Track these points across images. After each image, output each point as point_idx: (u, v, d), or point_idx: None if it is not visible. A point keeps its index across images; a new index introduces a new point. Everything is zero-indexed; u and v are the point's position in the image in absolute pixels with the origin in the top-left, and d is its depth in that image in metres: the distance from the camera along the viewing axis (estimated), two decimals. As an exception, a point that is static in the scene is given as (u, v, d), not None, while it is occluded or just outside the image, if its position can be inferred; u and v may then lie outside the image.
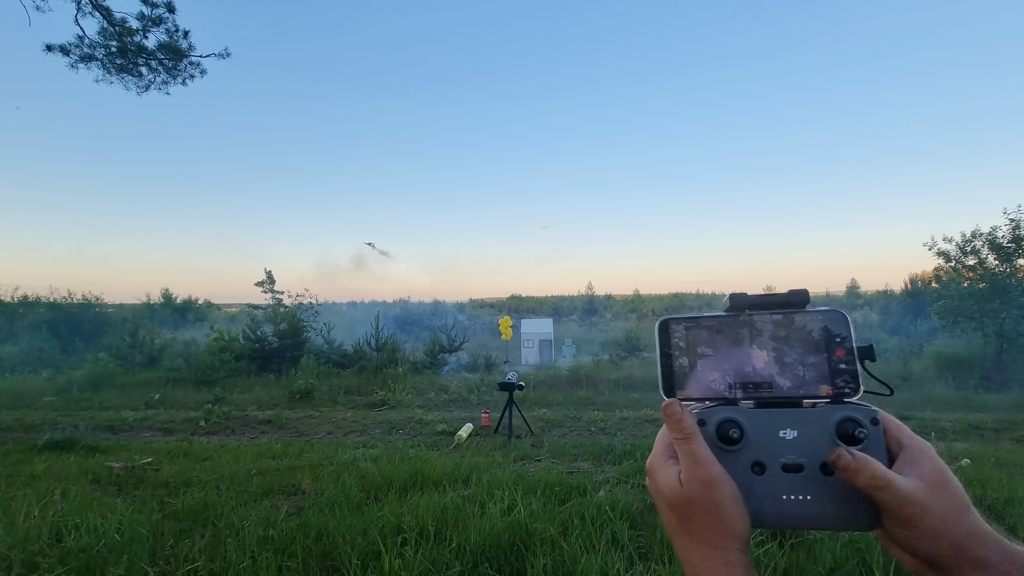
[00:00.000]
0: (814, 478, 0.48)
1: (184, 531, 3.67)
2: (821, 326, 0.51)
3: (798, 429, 0.49)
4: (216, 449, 6.67)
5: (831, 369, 0.50)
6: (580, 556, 3.02)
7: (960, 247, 14.12)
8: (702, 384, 0.52)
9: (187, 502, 4.21)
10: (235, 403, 10.25)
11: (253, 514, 3.90)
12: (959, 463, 5.55)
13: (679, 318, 0.54)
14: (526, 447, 6.77)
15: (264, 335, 14.33)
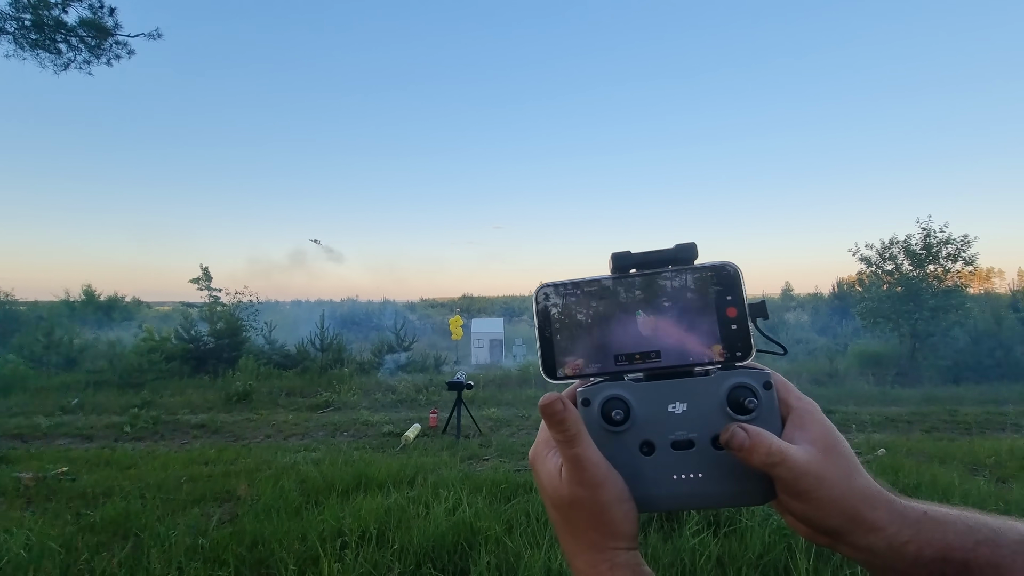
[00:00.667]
0: (705, 454, 0.45)
1: (102, 544, 3.41)
2: (710, 283, 0.47)
3: (687, 401, 0.45)
4: (142, 456, 6.24)
5: (722, 330, 0.46)
6: (524, 553, 3.04)
7: (879, 253, 15.30)
8: (586, 358, 0.47)
9: (106, 513, 3.92)
10: (165, 407, 9.64)
11: (181, 523, 3.68)
12: (876, 453, 5.99)
13: (557, 284, 0.50)
14: (474, 447, 6.75)
15: (199, 335, 13.55)
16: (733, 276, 0.47)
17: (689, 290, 0.47)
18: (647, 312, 0.47)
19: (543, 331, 0.49)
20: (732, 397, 0.44)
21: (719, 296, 0.47)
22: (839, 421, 8.61)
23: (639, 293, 0.48)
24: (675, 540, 3.35)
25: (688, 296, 0.47)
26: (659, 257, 0.48)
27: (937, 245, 14.32)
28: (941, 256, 14.33)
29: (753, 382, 0.44)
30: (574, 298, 0.49)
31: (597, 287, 0.49)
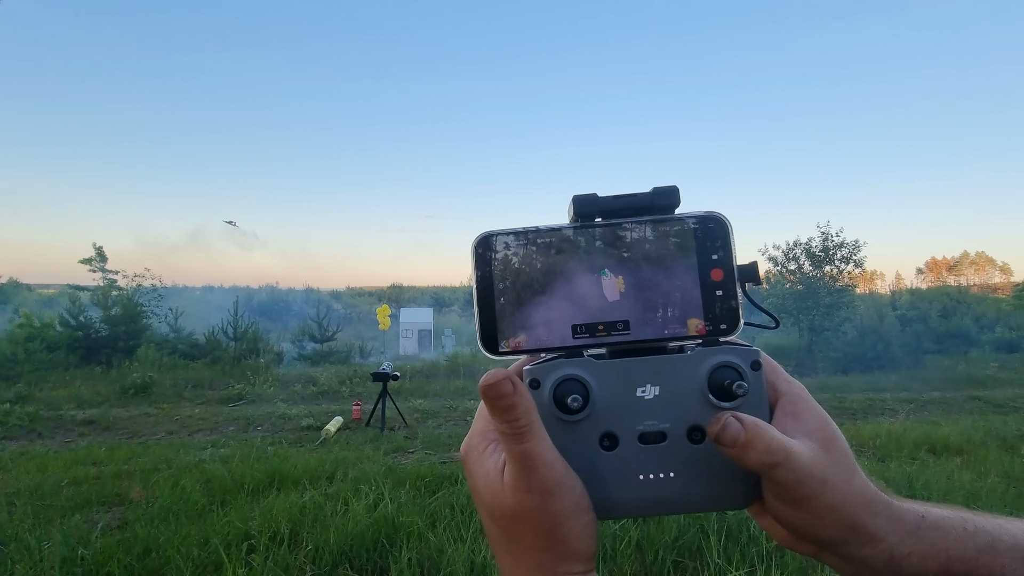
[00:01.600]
0: (680, 449, 0.37)
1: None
2: (692, 239, 0.38)
3: (660, 384, 0.37)
4: (14, 458, 5.51)
5: (704, 297, 0.38)
6: (447, 546, 2.96)
7: (785, 253, 16.63)
8: (536, 328, 0.38)
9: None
10: (45, 401, 8.58)
11: (57, 532, 3.25)
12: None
13: (504, 232, 0.40)
14: (399, 439, 6.56)
15: (89, 321, 12.16)
16: (722, 230, 0.39)
17: (667, 246, 0.38)
18: (614, 272, 0.38)
19: (483, 292, 0.40)
20: (715, 379, 0.36)
21: (703, 255, 0.38)
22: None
23: (606, 248, 0.39)
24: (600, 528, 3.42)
25: (665, 253, 0.38)
26: (632, 203, 0.39)
27: (833, 248, 15.81)
28: (836, 258, 15.84)
29: (739, 361, 0.37)
30: (524, 252, 0.39)
31: (554, 238, 0.39)
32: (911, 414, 8.53)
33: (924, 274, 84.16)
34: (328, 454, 5.41)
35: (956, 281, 72.33)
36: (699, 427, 0.37)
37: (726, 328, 0.38)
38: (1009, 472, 4.74)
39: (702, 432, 0.36)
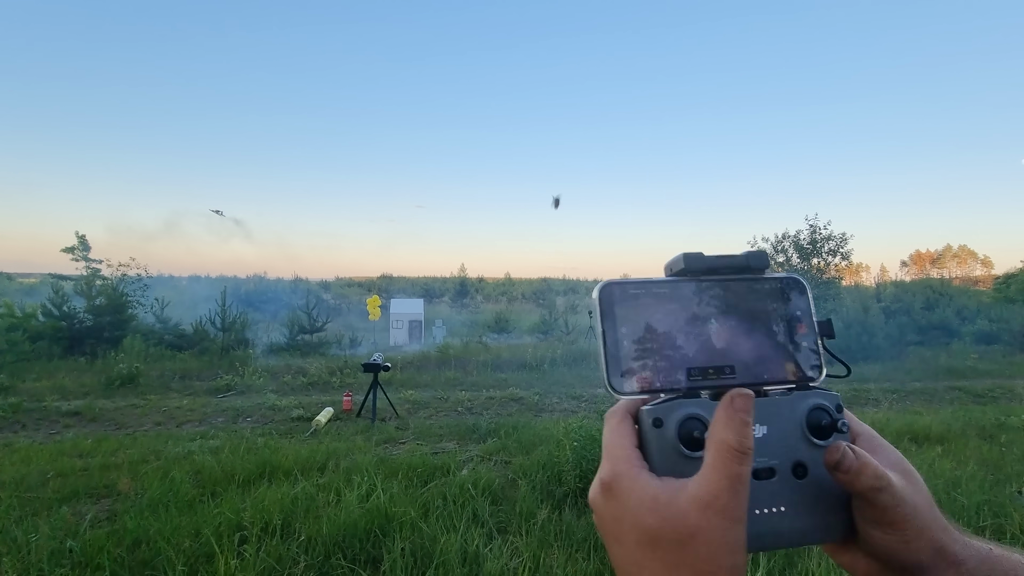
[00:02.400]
0: (787, 483, 0.40)
1: (-63, 554, 2.89)
2: (781, 297, 0.44)
3: (767, 424, 0.40)
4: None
5: (794, 348, 0.43)
6: (440, 536, 2.98)
7: (773, 246, 16.78)
8: (656, 370, 0.42)
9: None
10: (28, 393, 8.44)
11: (45, 525, 3.22)
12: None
13: (624, 283, 0.45)
14: (390, 430, 6.56)
15: (73, 311, 11.95)
16: (803, 290, 0.45)
17: (763, 302, 0.44)
18: (720, 323, 0.43)
19: (608, 336, 0.43)
20: (811, 419, 0.41)
21: (790, 311, 0.44)
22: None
23: (713, 300, 0.44)
24: (589, 516, 3.46)
25: (761, 308, 0.44)
26: (731, 263, 0.45)
27: (821, 241, 15.98)
28: (824, 251, 16.02)
29: (829, 403, 0.41)
30: (645, 301, 0.44)
31: (671, 290, 0.44)
32: (894, 404, 8.70)
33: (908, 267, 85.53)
34: (319, 445, 5.40)
35: (939, 274, 73.65)
36: (801, 463, 0.40)
37: (812, 375, 0.43)
38: (988, 460, 4.86)
39: (804, 468, 0.40)
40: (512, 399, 8.87)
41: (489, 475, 4.21)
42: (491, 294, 40.98)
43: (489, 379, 10.83)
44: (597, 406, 8.29)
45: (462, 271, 36.78)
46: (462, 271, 36.78)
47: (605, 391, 0.42)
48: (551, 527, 3.25)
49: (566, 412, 8.06)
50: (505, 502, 3.77)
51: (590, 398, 9.22)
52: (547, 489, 3.97)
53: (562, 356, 13.39)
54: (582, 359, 13.48)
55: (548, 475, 4.14)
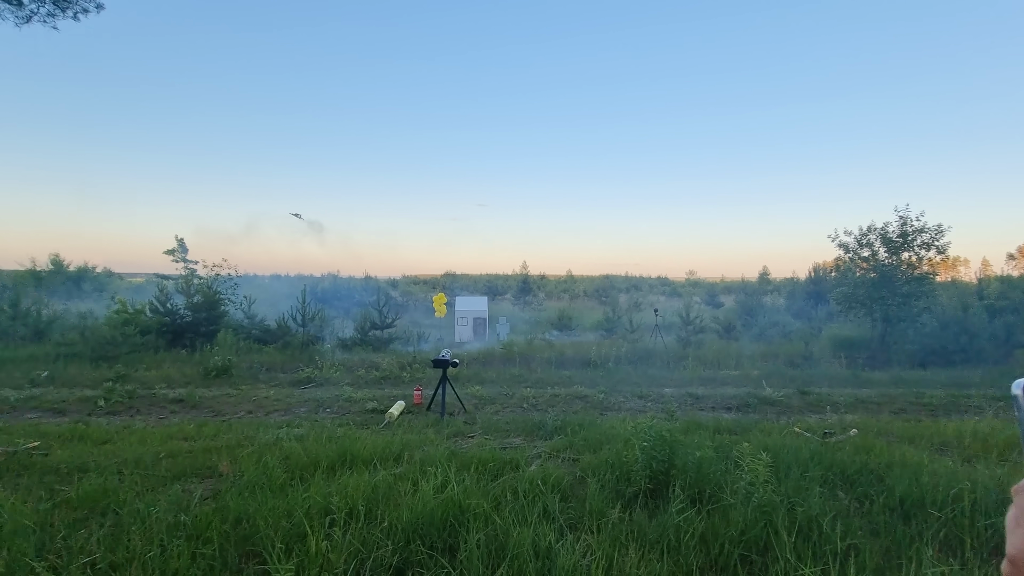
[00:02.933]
0: None
1: (79, 521, 3.33)
2: None
3: None
4: (118, 431, 6.10)
5: None
6: (512, 530, 3.05)
7: (857, 240, 15.57)
8: None
9: (83, 489, 3.82)
10: (141, 381, 9.42)
11: (162, 500, 3.61)
12: (849, 432, 6.17)
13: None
14: (459, 424, 6.76)
15: (175, 308, 13.21)
16: None
17: None
18: None
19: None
20: None
21: None
22: (813, 402, 8.87)
23: None
24: (660, 516, 3.41)
25: None
26: None
27: (912, 233, 14.64)
28: (916, 244, 14.67)
29: None
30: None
31: None
32: (1000, 412, 7.86)
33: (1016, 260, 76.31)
34: (393, 436, 5.66)
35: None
36: None
37: None
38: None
39: None
40: (577, 397, 8.86)
41: (557, 472, 4.25)
42: (553, 291, 40.92)
43: (553, 376, 10.85)
44: (665, 405, 8.11)
45: (524, 268, 36.95)
46: (524, 268, 36.95)
47: None
48: (623, 527, 3.24)
49: (632, 411, 7.94)
50: (574, 499, 3.80)
51: (656, 397, 9.02)
52: (616, 488, 3.95)
53: (626, 354, 13.18)
54: (647, 358, 13.20)
55: (617, 474, 4.12)
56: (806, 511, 3.46)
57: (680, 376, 11.29)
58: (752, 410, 8.31)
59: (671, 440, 4.23)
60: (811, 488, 3.91)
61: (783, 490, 3.81)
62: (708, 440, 5.22)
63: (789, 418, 7.52)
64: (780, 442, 5.26)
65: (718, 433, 6.11)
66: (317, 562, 2.74)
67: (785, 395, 9.13)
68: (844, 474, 4.41)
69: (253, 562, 2.90)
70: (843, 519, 3.46)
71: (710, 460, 4.23)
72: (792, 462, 4.47)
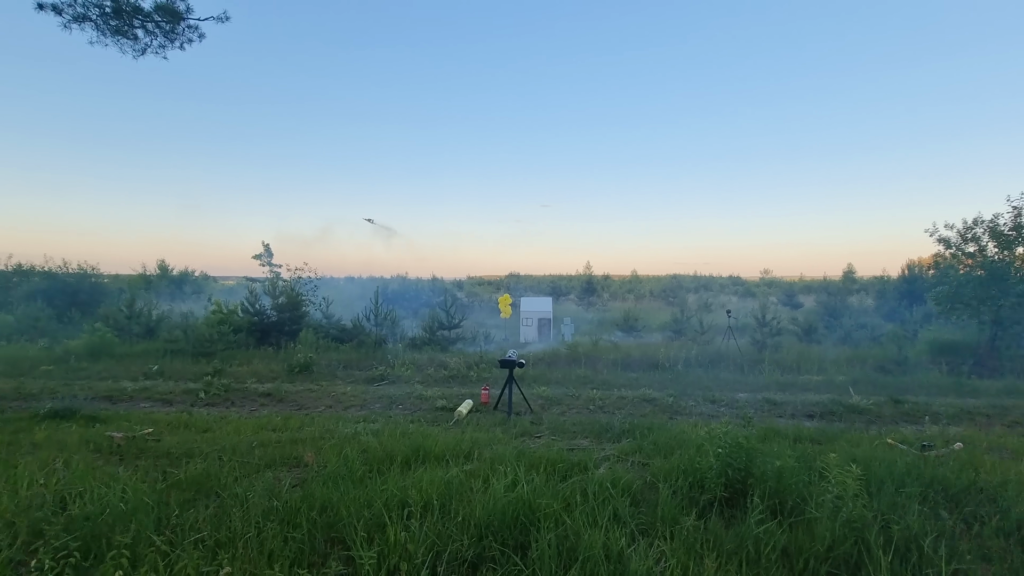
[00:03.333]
0: None
1: (188, 501, 3.69)
2: None
3: None
4: (216, 421, 6.69)
5: None
6: (583, 531, 3.05)
7: (961, 234, 14.09)
8: None
9: (190, 472, 4.24)
10: (234, 375, 10.27)
11: (257, 485, 3.92)
12: (952, 446, 5.62)
13: None
14: (526, 424, 6.82)
15: (262, 308, 14.29)
16: None
17: None
18: None
19: None
20: None
21: None
22: (908, 411, 8.14)
23: None
24: (738, 526, 3.28)
25: None
26: None
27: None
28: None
29: None
30: None
31: None
32: None
33: None
34: (463, 434, 5.81)
35: None
36: None
37: None
38: None
39: None
40: (644, 399, 8.67)
41: (627, 476, 4.19)
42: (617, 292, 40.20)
43: (619, 378, 10.68)
44: (739, 411, 7.76)
45: (588, 268, 36.60)
46: (588, 268, 36.60)
47: None
48: (698, 535, 3.14)
49: (704, 416, 7.66)
50: (645, 504, 3.73)
51: (730, 403, 8.64)
52: (689, 495, 3.84)
53: (696, 356, 12.72)
54: (719, 360, 12.67)
55: (690, 481, 4.00)
56: (903, 530, 3.20)
57: (755, 380, 10.74)
58: (837, 418, 7.76)
59: (748, 447, 4.05)
60: (908, 505, 3.61)
61: (875, 506, 3.55)
62: (788, 449, 4.94)
63: (880, 428, 6.95)
64: (870, 454, 4.89)
65: (798, 442, 5.77)
66: (397, 552, 2.88)
67: (875, 403, 8.45)
68: (947, 492, 4.03)
69: (338, 548, 3.10)
70: (947, 541, 3.17)
71: (791, 470, 4.01)
72: (885, 476, 4.14)
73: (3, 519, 3.13)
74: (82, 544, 2.85)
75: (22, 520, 3.14)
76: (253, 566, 2.78)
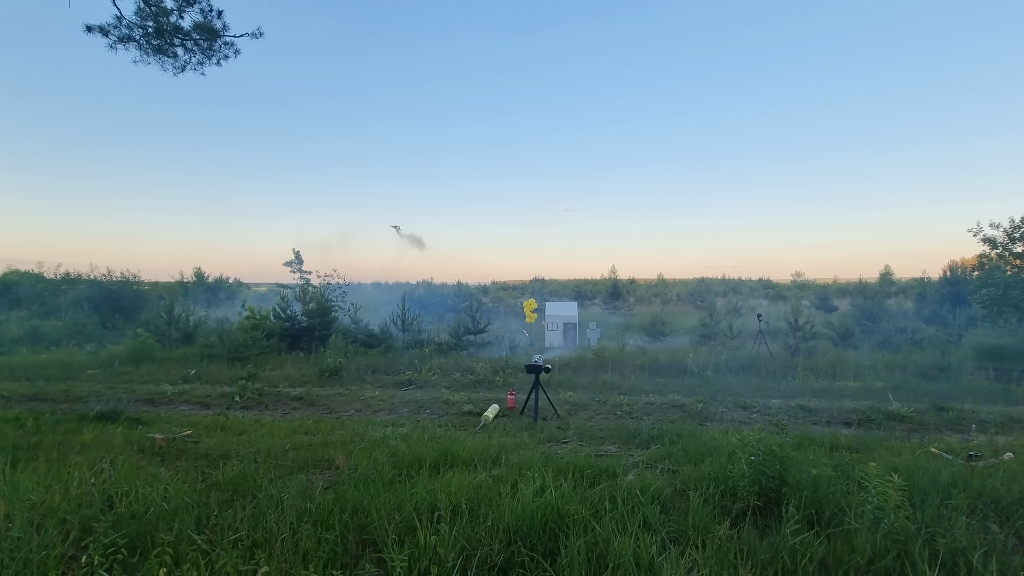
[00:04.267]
0: None
1: (226, 502, 3.80)
2: None
3: None
4: (251, 423, 6.89)
5: None
6: (613, 538, 3.03)
7: (1008, 233, 13.49)
8: None
9: (227, 474, 4.36)
10: (267, 379, 10.54)
11: (291, 487, 4.02)
12: (1002, 456, 5.36)
13: None
14: (552, 429, 6.80)
15: (293, 314, 14.64)
16: None
17: None
18: None
19: None
20: None
21: None
22: (953, 419, 7.80)
23: None
24: (772, 536, 3.20)
25: None
26: None
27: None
28: (1088, 236, 12.40)
29: None
30: None
31: None
32: None
33: None
34: (490, 439, 5.83)
35: None
36: None
37: None
38: None
39: None
40: (673, 405, 8.54)
41: (657, 483, 4.13)
42: (643, 296, 39.74)
43: (647, 384, 10.55)
44: (772, 418, 7.57)
45: (613, 272, 36.30)
46: (613, 272, 36.30)
47: None
48: (731, 544, 3.08)
49: (734, 423, 7.50)
50: (675, 512, 3.67)
51: (762, 409, 8.44)
52: (721, 503, 3.76)
53: (726, 362, 12.47)
54: (750, 366, 12.39)
55: (721, 489, 3.92)
56: (949, 543, 3.06)
57: (788, 387, 10.45)
58: (876, 426, 7.49)
59: (782, 455, 3.95)
60: (955, 518, 3.46)
61: (919, 518, 3.41)
62: (824, 457, 4.80)
63: (923, 437, 6.68)
64: (912, 463, 4.70)
65: (835, 450, 5.60)
66: (427, 555, 2.92)
67: (916, 410, 8.12)
68: (997, 504, 3.85)
69: (369, 550, 3.15)
70: (998, 556, 3.02)
71: (828, 479, 3.89)
72: (929, 487, 3.98)
73: (57, 516, 3.28)
74: (128, 541, 2.97)
75: (73, 517, 3.29)
76: (289, 566, 2.85)
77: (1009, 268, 13.72)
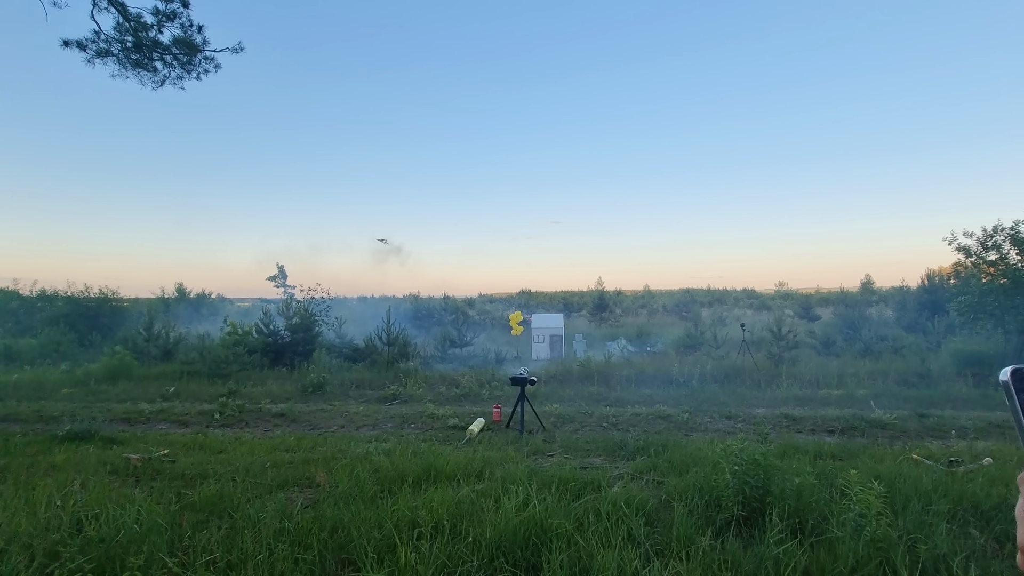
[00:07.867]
0: None
1: (201, 522, 3.69)
2: None
3: None
4: (231, 442, 6.72)
5: None
6: (596, 552, 2.99)
7: (981, 242, 13.83)
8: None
9: (204, 494, 4.25)
10: (249, 396, 10.34)
11: (269, 506, 3.92)
12: (981, 462, 5.43)
13: None
14: (538, 442, 6.75)
15: (276, 329, 14.42)
16: None
17: None
18: None
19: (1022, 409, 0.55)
20: None
21: None
22: (934, 426, 7.91)
23: None
24: (756, 547, 3.19)
25: None
26: None
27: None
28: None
29: None
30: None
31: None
32: None
33: None
34: (474, 453, 5.76)
35: None
36: None
37: None
38: None
39: None
40: (659, 416, 8.54)
41: (641, 494, 4.11)
42: (630, 307, 39.91)
43: (633, 395, 10.54)
44: (756, 427, 7.60)
45: (599, 284, 36.44)
46: (599, 284, 36.44)
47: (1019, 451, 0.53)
48: (715, 555, 3.06)
49: (720, 433, 7.52)
50: (660, 524, 3.65)
51: (746, 418, 8.47)
52: (705, 514, 3.75)
53: (712, 372, 12.52)
54: (735, 375, 12.45)
55: (706, 499, 3.92)
56: (931, 549, 3.08)
57: (772, 395, 10.53)
58: (859, 434, 7.56)
59: (765, 464, 3.96)
60: (936, 523, 3.49)
61: (901, 524, 3.44)
62: (808, 466, 4.82)
63: (905, 443, 6.76)
64: (895, 470, 4.75)
65: (819, 458, 5.63)
66: (407, 573, 2.85)
67: (898, 417, 8.22)
68: (977, 509, 3.89)
69: (348, 569, 3.07)
70: (979, 561, 3.05)
71: (811, 487, 3.91)
72: (911, 493, 4.02)
73: (21, 541, 3.15)
74: (96, 566, 2.87)
75: (39, 542, 3.16)
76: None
77: (984, 276, 14.04)
